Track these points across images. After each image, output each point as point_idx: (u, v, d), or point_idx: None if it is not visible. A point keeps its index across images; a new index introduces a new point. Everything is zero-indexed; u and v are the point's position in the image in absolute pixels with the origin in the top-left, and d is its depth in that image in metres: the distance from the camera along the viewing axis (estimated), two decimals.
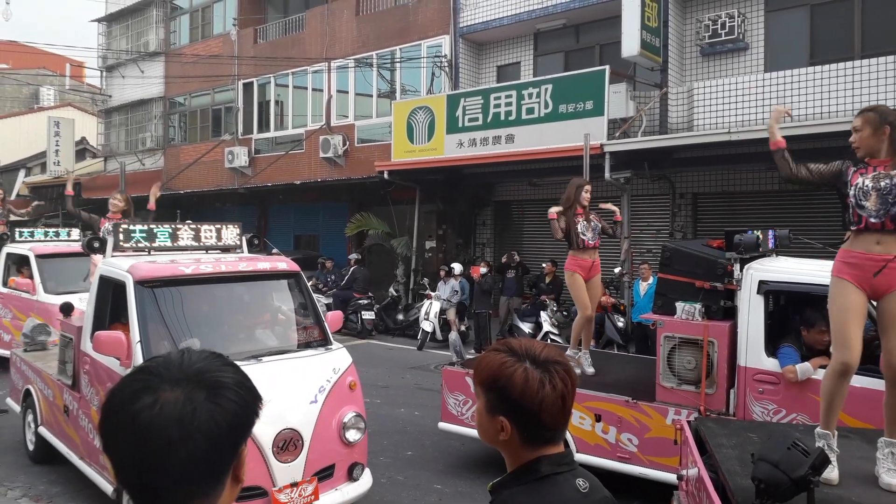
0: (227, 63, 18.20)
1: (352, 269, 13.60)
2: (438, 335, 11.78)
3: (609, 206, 6.42)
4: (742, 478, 2.70)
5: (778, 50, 10.90)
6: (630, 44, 10.48)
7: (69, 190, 7.82)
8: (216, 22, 19.55)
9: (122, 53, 21.85)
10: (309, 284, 15.91)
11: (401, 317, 13.17)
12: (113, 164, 22.09)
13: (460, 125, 12.43)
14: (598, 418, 5.00)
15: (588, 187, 6.02)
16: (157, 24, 20.77)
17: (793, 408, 4.26)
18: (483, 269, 11.71)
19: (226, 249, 5.39)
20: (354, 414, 4.45)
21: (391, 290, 13.83)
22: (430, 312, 11.90)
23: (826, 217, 9.43)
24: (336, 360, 4.65)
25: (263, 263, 4.97)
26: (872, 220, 2.94)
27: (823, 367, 3.85)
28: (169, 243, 5.07)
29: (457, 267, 12.35)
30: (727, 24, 10.89)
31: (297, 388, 4.29)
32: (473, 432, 5.58)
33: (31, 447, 5.94)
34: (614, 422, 4.93)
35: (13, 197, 26.38)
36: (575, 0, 12.29)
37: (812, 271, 4.35)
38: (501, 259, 12.60)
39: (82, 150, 26.17)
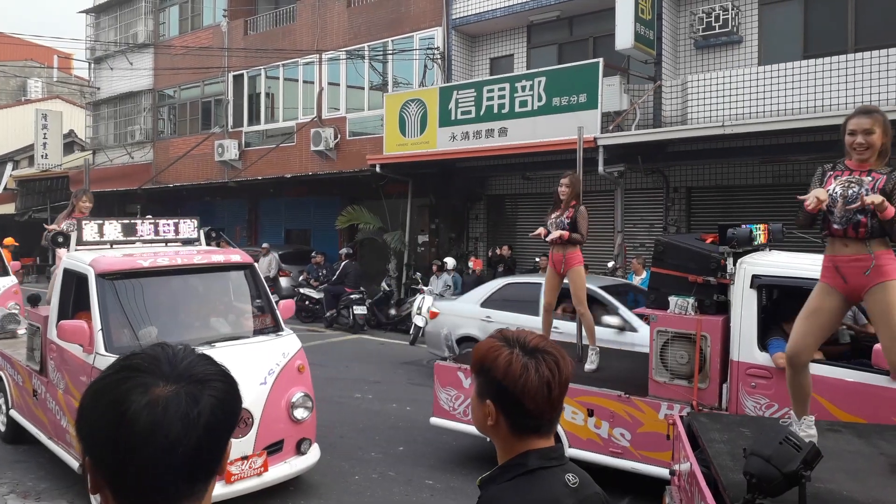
0: (216, 55, 18.02)
1: (343, 263, 13.52)
2: None
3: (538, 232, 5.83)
4: (734, 472, 2.68)
5: (772, 43, 10.89)
6: (624, 36, 10.44)
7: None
8: (206, 13, 19.34)
9: (111, 45, 21.60)
10: (300, 279, 15.70)
11: (393, 312, 13.11)
12: (102, 157, 21.88)
13: (453, 118, 12.36)
14: (590, 413, 4.99)
15: (562, 180, 5.75)
16: (145, 16, 20.54)
17: (785, 402, 4.24)
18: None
19: (186, 242, 5.74)
20: (302, 394, 4.85)
21: (383, 284, 13.76)
22: (422, 307, 11.83)
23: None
24: (285, 345, 5.02)
25: (218, 256, 5.33)
26: (836, 226, 3.02)
27: (814, 360, 3.85)
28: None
29: (450, 261, 12.30)
30: (721, 17, 10.87)
31: (247, 371, 4.58)
32: (465, 427, 5.57)
33: (2, 429, 6.30)
34: (606, 416, 4.92)
35: (1, 190, 26.10)
36: None
37: (805, 265, 4.33)
38: (488, 254, 12.57)
39: (70, 143, 25.93)
